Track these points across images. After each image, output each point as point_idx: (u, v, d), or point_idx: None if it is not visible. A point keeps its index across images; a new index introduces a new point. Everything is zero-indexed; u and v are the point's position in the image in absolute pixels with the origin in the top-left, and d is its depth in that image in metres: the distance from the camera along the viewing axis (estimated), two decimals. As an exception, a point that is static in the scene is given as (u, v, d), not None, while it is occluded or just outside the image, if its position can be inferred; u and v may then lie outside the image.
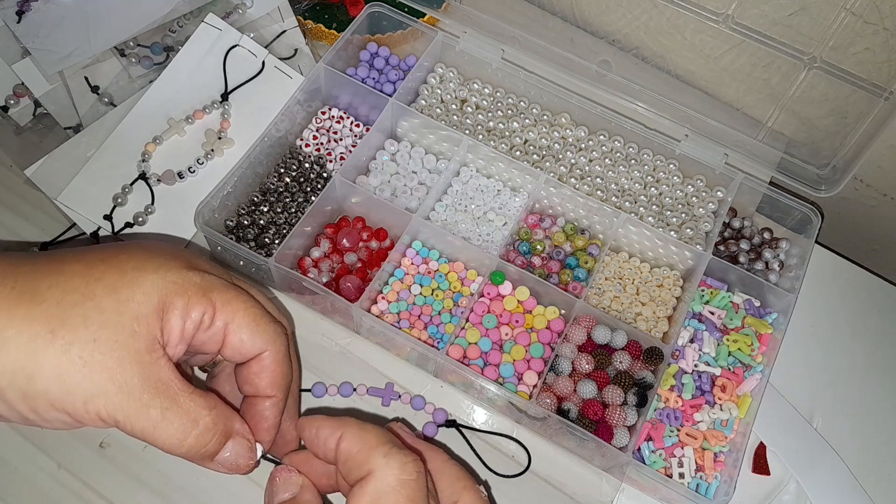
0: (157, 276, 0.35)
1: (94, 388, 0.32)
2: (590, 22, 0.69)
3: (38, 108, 0.61)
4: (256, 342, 0.37)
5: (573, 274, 0.57)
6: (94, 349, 0.32)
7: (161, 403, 0.33)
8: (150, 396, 0.33)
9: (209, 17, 0.62)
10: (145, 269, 0.35)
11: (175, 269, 0.35)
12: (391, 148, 0.61)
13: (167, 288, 0.34)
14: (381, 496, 0.33)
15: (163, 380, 0.34)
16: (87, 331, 0.32)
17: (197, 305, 0.35)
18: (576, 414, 0.50)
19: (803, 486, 0.53)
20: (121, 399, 0.32)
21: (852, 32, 0.56)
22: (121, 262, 0.34)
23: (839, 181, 0.59)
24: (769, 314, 0.57)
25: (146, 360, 0.33)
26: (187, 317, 0.35)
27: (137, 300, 0.33)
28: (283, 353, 0.39)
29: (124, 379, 0.32)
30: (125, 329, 0.33)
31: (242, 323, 0.37)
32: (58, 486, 0.48)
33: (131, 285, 0.34)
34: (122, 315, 0.33)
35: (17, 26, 0.59)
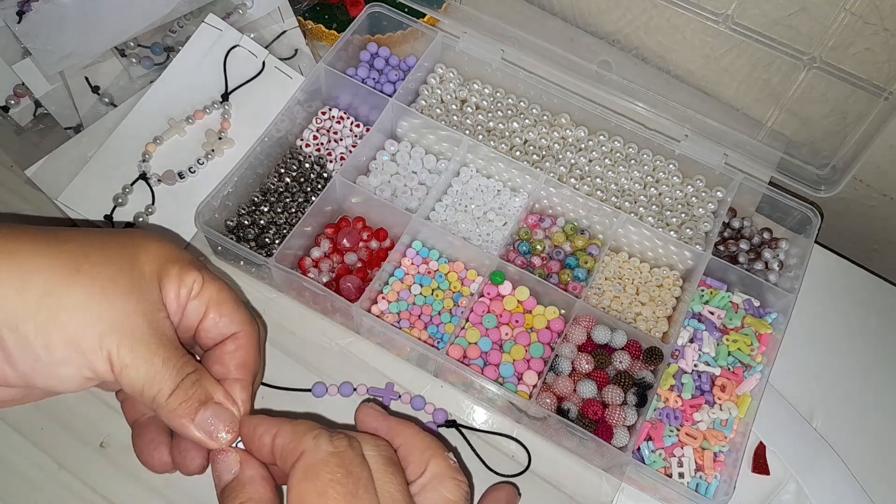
0: (158, 244, 0.38)
1: (111, 325, 0.34)
2: (590, 22, 0.69)
3: (39, 109, 0.61)
4: (235, 318, 0.40)
5: (573, 274, 0.57)
6: (115, 288, 0.35)
7: (164, 353, 0.35)
8: (157, 345, 0.35)
9: (209, 17, 0.62)
10: (148, 238, 0.38)
11: (171, 245, 0.39)
12: (391, 148, 0.62)
13: (166, 256, 0.38)
14: (312, 467, 0.34)
15: (166, 334, 0.36)
16: (108, 269, 0.35)
17: (190, 273, 0.38)
18: (576, 414, 0.50)
19: (803, 486, 0.53)
20: (132, 341, 0.34)
21: (852, 32, 0.56)
22: (126, 232, 0.38)
23: (839, 181, 0.59)
24: (769, 314, 0.57)
25: (155, 312, 0.36)
26: (182, 283, 0.38)
27: (142, 260, 0.37)
28: (256, 338, 0.41)
29: (137, 323, 0.35)
30: (137, 281, 0.36)
31: (223, 299, 0.40)
32: (58, 486, 0.48)
33: (136, 247, 0.37)
34: (133, 269, 0.36)
35: (17, 26, 0.59)
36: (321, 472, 0.34)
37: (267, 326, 0.54)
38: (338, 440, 0.35)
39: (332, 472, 0.34)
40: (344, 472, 0.34)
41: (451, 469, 0.37)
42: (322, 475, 0.33)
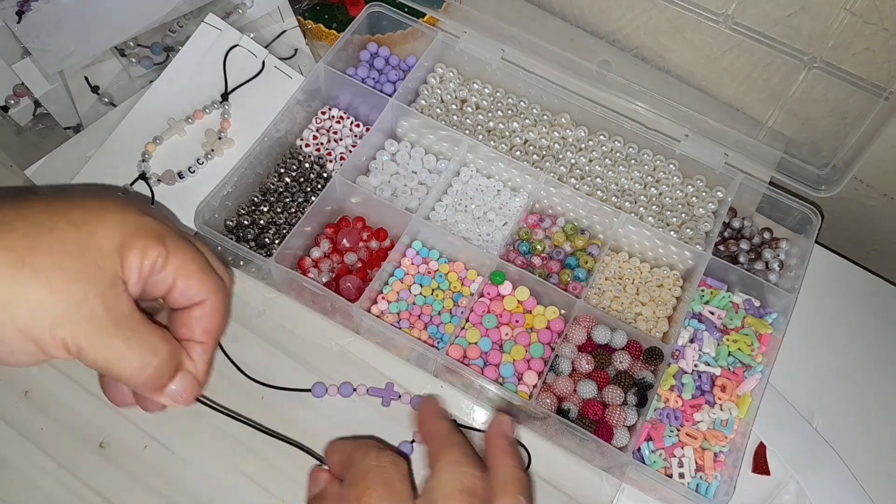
0: (119, 216, 0.36)
1: (62, 315, 0.33)
2: (590, 22, 0.69)
3: (39, 108, 0.61)
4: (202, 289, 0.39)
5: (573, 274, 0.57)
6: (62, 277, 0.33)
7: (125, 334, 0.35)
8: (114, 327, 0.34)
9: (209, 17, 0.62)
10: (107, 209, 0.36)
11: (134, 213, 0.37)
12: (391, 148, 0.61)
13: (128, 227, 0.36)
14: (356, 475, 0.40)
15: (125, 312, 0.35)
16: (54, 259, 0.33)
17: (153, 247, 0.37)
18: (576, 414, 0.50)
19: (803, 486, 0.53)
20: (87, 327, 0.34)
21: (852, 32, 0.56)
22: (83, 202, 0.36)
23: (839, 181, 0.59)
24: (769, 314, 0.57)
25: (110, 293, 0.35)
26: (145, 257, 0.36)
27: (100, 236, 0.35)
28: (223, 304, 0.41)
29: (90, 308, 0.34)
30: (90, 262, 0.34)
31: (191, 269, 0.39)
32: (58, 486, 0.48)
33: (94, 222, 0.35)
34: (87, 249, 0.34)
35: (17, 26, 0.59)
36: (361, 480, 0.39)
37: (234, 278, 0.54)
38: (383, 456, 0.40)
39: (370, 482, 0.39)
40: (382, 482, 0.39)
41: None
42: (361, 483, 0.39)
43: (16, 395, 0.51)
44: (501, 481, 0.39)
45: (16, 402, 0.50)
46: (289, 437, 0.47)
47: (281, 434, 0.48)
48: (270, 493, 0.49)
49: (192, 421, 0.51)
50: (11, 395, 0.50)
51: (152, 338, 0.37)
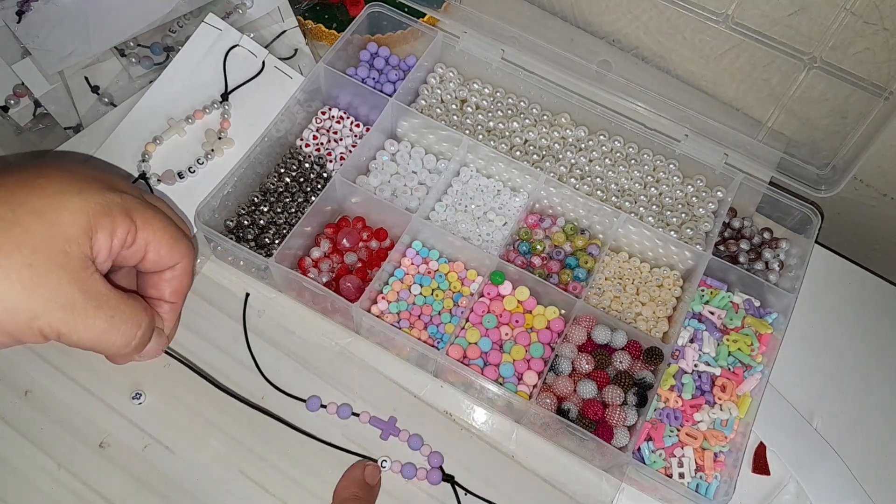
0: (81, 198, 0.36)
1: (38, 308, 0.33)
2: (590, 22, 0.69)
3: (38, 108, 0.61)
4: (173, 256, 0.40)
5: (573, 274, 0.57)
6: (33, 273, 0.33)
7: (106, 314, 0.35)
8: (94, 308, 0.35)
9: (209, 17, 0.62)
10: (68, 192, 0.36)
11: (97, 191, 0.36)
12: (391, 148, 0.61)
13: (92, 209, 0.36)
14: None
15: (102, 292, 0.36)
16: (22, 255, 0.33)
17: (122, 225, 0.37)
18: (576, 414, 0.50)
19: (803, 486, 0.53)
20: (65, 315, 0.34)
21: (852, 32, 0.56)
22: (41, 186, 0.35)
23: (839, 181, 0.59)
24: (769, 314, 0.57)
25: (83, 277, 0.35)
26: (114, 235, 0.37)
27: (65, 222, 0.35)
28: (191, 266, 0.43)
29: (66, 297, 0.34)
30: (58, 251, 0.34)
31: (162, 240, 0.39)
32: (58, 486, 0.48)
33: (57, 209, 0.35)
34: (53, 238, 0.34)
35: (17, 26, 0.59)
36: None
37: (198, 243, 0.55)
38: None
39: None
40: None
41: None
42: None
43: (16, 395, 0.51)
44: None
45: (16, 402, 0.50)
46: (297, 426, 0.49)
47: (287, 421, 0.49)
48: (270, 493, 0.49)
49: (192, 421, 0.51)
50: (11, 395, 0.50)
51: (132, 310, 0.37)
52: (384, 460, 0.50)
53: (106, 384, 0.51)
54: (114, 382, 0.51)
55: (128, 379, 0.51)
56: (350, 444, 0.51)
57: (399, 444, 0.51)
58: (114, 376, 0.51)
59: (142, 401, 0.51)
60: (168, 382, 0.52)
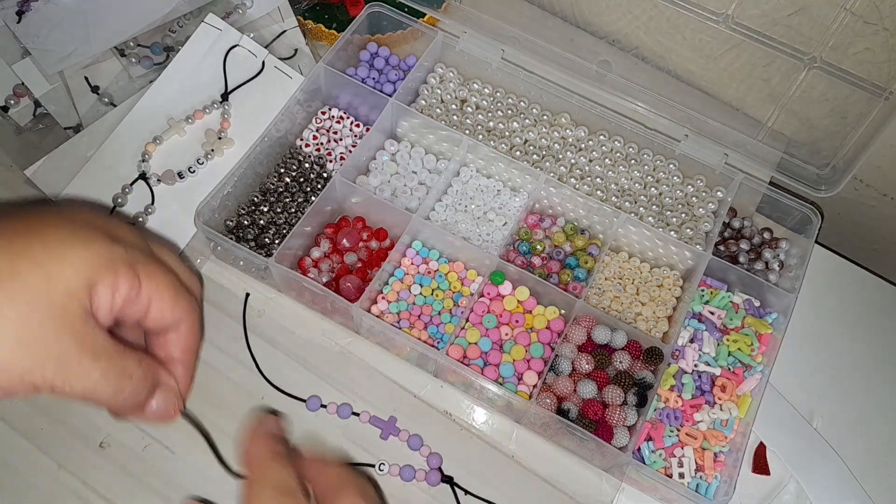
0: (85, 250, 0.34)
1: (31, 363, 0.32)
2: (590, 22, 0.69)
3: (38, 108, 0.61)
4: (175, 314, 0.38)
5: (573, 274, 0.57)
6: (28, 328, 0.32)
7: (100, 366, 0.34)
8: (89, 362, 0.34)
9: (209, 17, 0.62)
10: (71, 242, 0.34)
11: (100, 243, 0.35)
12: (391, 148, 0.61)
13: (95, 262, 0.34)
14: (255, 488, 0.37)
15: (99, 344, 0.34)
16: (19, 311, 0.32)
17: (125, 279, 0.35)
18: (576, 414, 0.50)
19: (803, 486, 0.53)
20: (59, 369, 0.33)
21: (852, 32, 0.56)
22: (43, 235, 0.34)
23: (839, 181, 0.59)
24: (769, 314, 0.57)
25: (81, 331, 0.33)
26: (116, 290, 0.35)
27: (66, 275, 0.33)
28: (197, 324, 0.40)
29: (61, 350, 0.33)
30: (57, 305, 0.33)
31: (165, 296, 0.38)
32: (58, 486, 0.48)
33: (58, 260, 0.33)
34: (52, 292, 0.33)
35: (17, 26, 0.59)
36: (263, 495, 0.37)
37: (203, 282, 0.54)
38: (283, 498, 0.37)
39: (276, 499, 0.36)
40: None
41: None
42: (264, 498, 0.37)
43: (16, 395, 0.51)
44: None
45: (16, 402, 0.50)
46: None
47: None
48: (270, 493, 0.49)
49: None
50: (11, 395, 0.50)
51: (126, 363, 0.36)
52: (382, 464, 0.50)
53: (106, 384, 0.51)
54: (114, 382, 0.51)
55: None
56: (350, 444, 0.51)
57: (399, 444, 0.51)
58: (114, 376, 0.51)
59: (142, 401, 0.51)
60: (168, 382, 0.52)
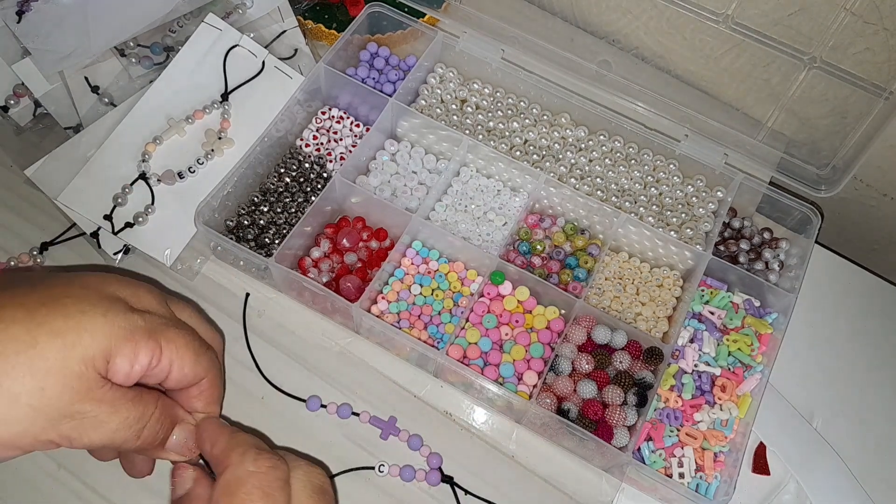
0: (105, 320, 0.35)
1: (47, 424, 0.33)
2: (590, 22, 0.69)
3: (38, 108, 0.61)
4: (197, 372, 0.39)
5: (573, 274, 0.57)
6: (43, 395, 0.33)
7: (118, 417, 0.35)
8: (106, 415, 0.34)
9: (209, 17, 0.61)
10: (91, 314, 0.35)
11: (121, 314, 0.35)
12: (391, 148, 0.61)
13: (114, 333, 0.35)
14: (232, 482, 0.35)
15: (116, 398, 0.35)
16: (34, 380, 0.32)
17: (145, 350, 0.36)
18: (576, 414, 0.50)
19: (803, 486, 0.53)
20: (76, 425, 0.34)
21: (852, 32, 0.56)
22: (64, 306, 0.34)
23: (839, 181, 0.59)
24: (769, 314, 0.57)
25: (98, 395, 0.34)
26: (135, 361, 0.36)
27: (85, 344, 0.34)
28: (219, 377, 0.41)
29: (77, 410, 0.33)
30: (73, 372, 0.33)
31: (185, 359, 0.38)
32: (58, 486, 0.48)
33: (77, 330, 0.34)
34: (68, 360, 0.33)
35: (17, 26, 0.59)
36: (238, 489, 0.35)
37: (225, 338, 0.53)
38: (262, 460, 0.36)
39: (248, 492, 0.35)
40: (261, 493, 0.35)
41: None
42: (238, 493, 0.35)
43: (16, 395, 0.50)
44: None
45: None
46: None
47: None
48: (270, 493, 0.49)
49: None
50: (11, 395, 0.50)
51: (144, 407, 0.36)
52: (381, 465, 0.50)
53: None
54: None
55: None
56: (350, 444, 0.51)
57: (399, 443, 0.51)
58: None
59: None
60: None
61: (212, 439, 0.38)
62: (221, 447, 0.38)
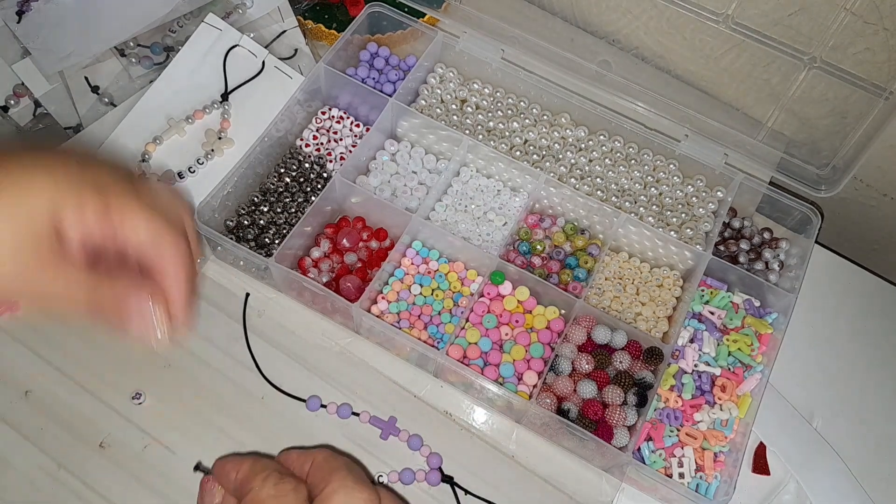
0: (48, 176, 0.34)
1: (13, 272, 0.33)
2: (590, 22, 0.69)
3: (38, 108, 0.61)
4: (160, 252, 0.38)
5: (573, 274, 0.57)
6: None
7: (71, 274, 0.34)
8: (55, 270, 0.34)
9: (209, 17, 0.62)
10: (33, 172, 0.34)
11: (64, 169, 0.35)
12: (391, 148, 0.61)
13: (60, 185, 0.34)
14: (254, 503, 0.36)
15: (68, 257, 0.34)
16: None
17: (90, 202, 0.35)
18: (576, 414, 0.50)
19: (803, 486, 0.53)
20: (33, 274, 0.33)
21: (852, 32, 0.56)
22: (6, 163, 0.34)
23: (839, 181, 0.59)
24: (769, 314, 0.57)
25: (45, 245, 0.34)
26: (82, 213, 0.35)
27: (30, 201, 0.34)
28: (186, 258, 0.39)
29: (32, 261, 0.33)
30: (21, 225, 0.33)
31: (138, 217, 0.37)
32: (58, 486, 0.48)
33: (24, 186, 0.34)
34: (16, 215, 0.33)
35: (17, 26, 0.59)
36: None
37: (191, 208, 0.52)
38: (283, 484, 0.37)
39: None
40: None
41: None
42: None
43: (16, 395, 0.51)
44: None
45: (16, 402, 0.50)
46: None
47: None
48: (270, 493, 0.49)
49: (192, 421, 0.51)
50: (11, 395, 0.50)
51: (98, 278, 0.35)
52: (380, 476, 0.50)
53: (106, 384, 0.51)
54: (114, 382, 0.51)
55: (128, 379, 0.51)
56: (350, 444, 0.51)
57: (399, 444, 0.51)
58: (114, 376, 0.51)
59: (142, 401, 0.51)
60: (168, 382, 0.52)
61: (236, 466, 0.39)
62: (245, 472, 0.38)
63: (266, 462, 0.39)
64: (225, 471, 0.39)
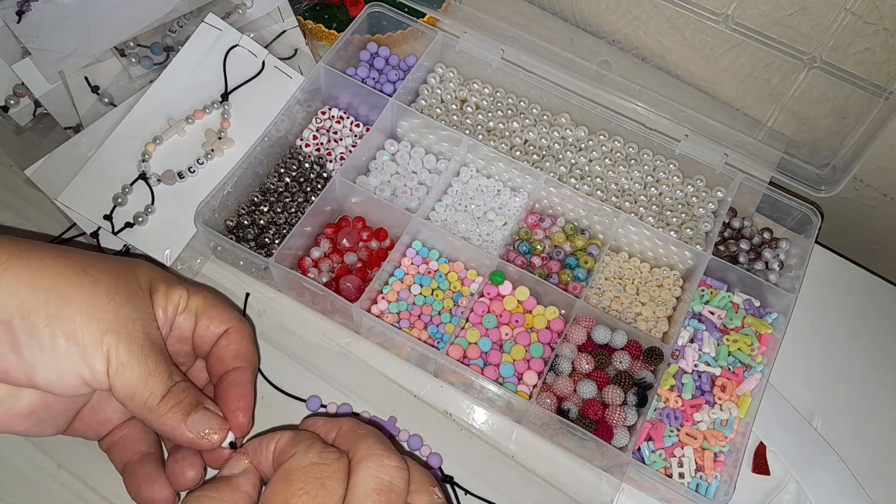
0: (148, 265, 0.43)
1: (112, 324, 0.37)
2: (590, 22, 0.69)
3: (38, 108, 0.61)
4: (223, 319, 0.45)
5: (573, 274, 0.57)
6: (116, 293, 0.38)
7: (156, 357, 0.39)
8: (150, 349, 0.39)
9: (209, 17, 0.62)
10: (138, 260, 0.44)
11: (158, 268, 0.44)
12: (391, 148, 0.61)
13: (155, 276, 0.43)
14: (292, 471, 0.36)
15: (158, 342, 0.40)
16: (111, 276, 0.39)
17: (175, 289, 0.43)
18: (576, 414, 0.50)
19: (803, 486, 0.53)
20: (129, 342, 0.38)
21: (852, 32, 0.56)
22: (116, 257, 0.43)
23: (839, 181, 0.59)
24: (769, 314, 0.57)
25: (149, 321, 0.40)
26: (168, 299, 0.42)
27: (138, 275, 0.41)
28: (247, 331, 0.46)
29: (133, 328, 0.38)
30: (133, 291, 0.40)
31: (211, 305, 0.44)
32: (58, 486, 0.48)
33: (132, 264, 0.42)
34: (131, 280, 0.40)
35: (17, 26, 0.59)
36: (297, 477, 0.35)
37: (255, 326, 0.55)
38: (327, 453, 0.37)
39: (306, 481, 0.35)
40: (319, 484, 0.35)
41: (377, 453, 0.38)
42: (296, 481, 0.35)
43: (16, 395, 0.50)
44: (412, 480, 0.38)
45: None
46: None
47: None
48: (270, 493, 0.49)
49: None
50: (11, 395, 0.50)
51: (176, 370, 0.40)
52: None
53: (106, 384, 0.51)
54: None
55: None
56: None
57: (399, 444, 0.51)
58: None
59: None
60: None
61: (275, 438, 0.39)
62: (286, 440, 0.38)
63: (307, 433, 0.39)
64: (262, 446, 0.39)
